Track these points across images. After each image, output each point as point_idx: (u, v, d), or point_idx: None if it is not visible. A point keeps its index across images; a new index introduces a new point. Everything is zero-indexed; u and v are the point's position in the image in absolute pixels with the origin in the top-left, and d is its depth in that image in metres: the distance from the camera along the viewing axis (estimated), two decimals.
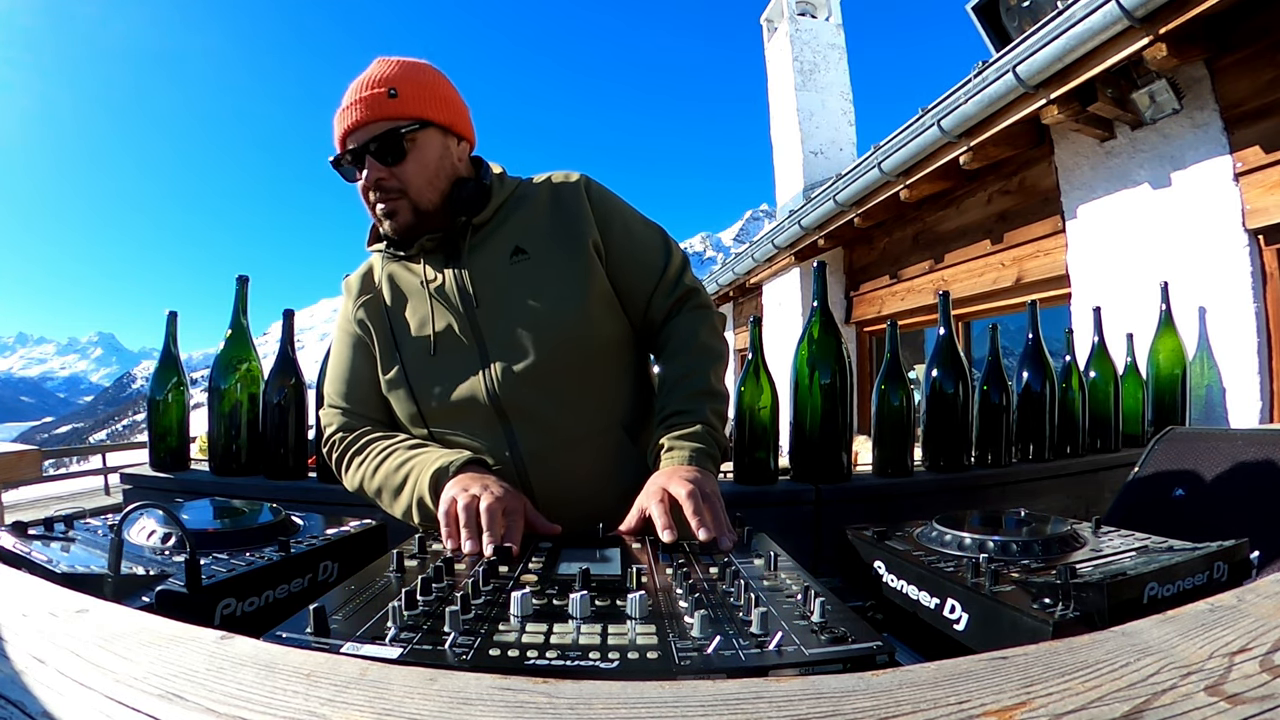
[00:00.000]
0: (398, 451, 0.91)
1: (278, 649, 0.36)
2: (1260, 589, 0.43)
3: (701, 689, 0.31)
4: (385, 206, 0.91)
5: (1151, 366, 2.01)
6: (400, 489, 0.88)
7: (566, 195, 0.97)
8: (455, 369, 0.92)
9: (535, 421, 0.90)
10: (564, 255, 0.93)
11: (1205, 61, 2.06)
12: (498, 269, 0.93)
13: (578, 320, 0.91)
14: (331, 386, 1.02)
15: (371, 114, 0.88)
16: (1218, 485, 0.97)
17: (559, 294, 0.91)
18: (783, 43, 5.75)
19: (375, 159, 0.89)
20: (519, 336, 0.90)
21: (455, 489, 0.77)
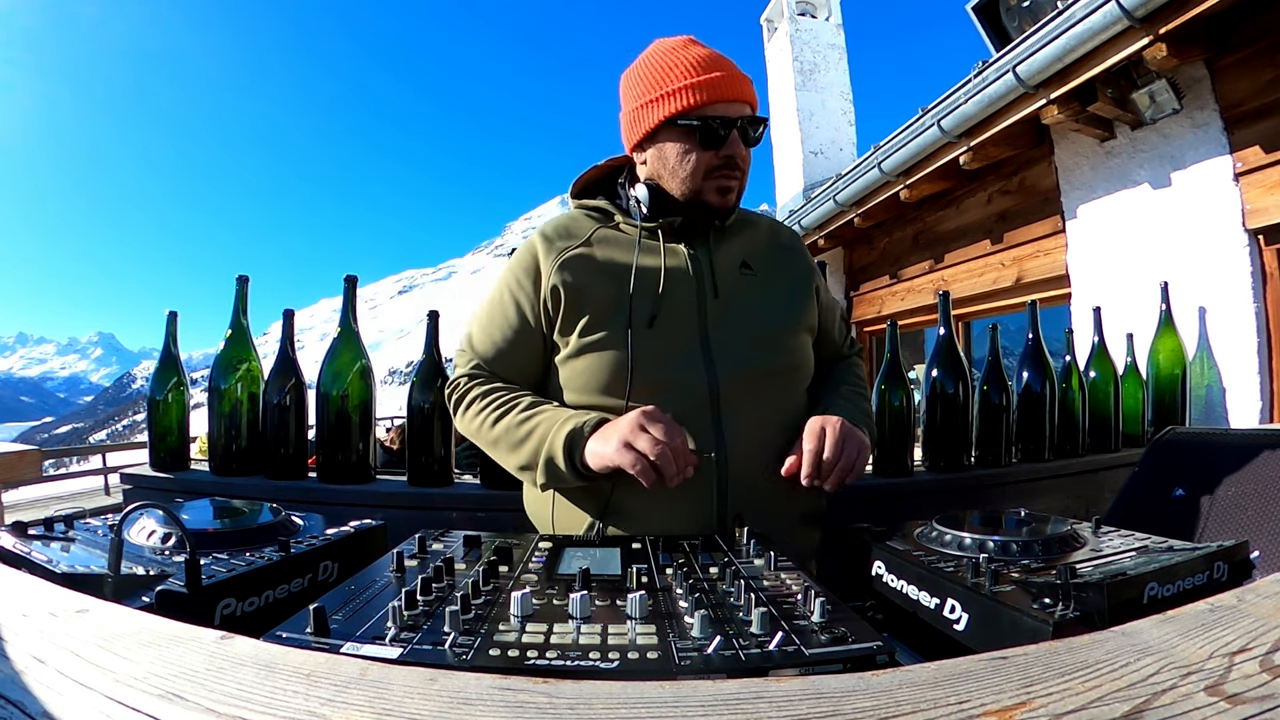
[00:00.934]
0: (522, 406, 0.92)
1: (278, 649, 0.36)
2: (1260, 589, 0.43)
3: (701, 689, 0.31)
4: (729, 182, 0.94)
5: (1151, 366, 2.01)
6: (522, 443, 0.89)
7: (786, 237, 1.10)
8: (675, 347, 0.93)
9: (743, 418, 0.93)
10: (784, 283, 1.02)
11: (1205, 61, 2.06)
12: (732, 271, 0.99)
13: (790, 339, 0.99)
14: (479, 335, 1.02)
15: (751, 96, 0.94)
16: (1218, 485, 0.97)
17: (781, 312, 0.99)
18: (783, 43, 5.75)
19: (743, 138, 0.93)
20: (743, 338, 0.95)
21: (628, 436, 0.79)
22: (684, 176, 0.94)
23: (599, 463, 0.82)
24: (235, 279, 1.44)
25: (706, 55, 0.92)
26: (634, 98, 0.97)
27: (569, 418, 0.87)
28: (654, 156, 0.96)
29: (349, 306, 1.41)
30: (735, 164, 0.93)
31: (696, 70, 0.91)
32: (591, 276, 0.94)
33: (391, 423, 10.02)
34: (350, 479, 1.33)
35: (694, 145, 0.92)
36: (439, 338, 1.43)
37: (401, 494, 1.30)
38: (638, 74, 0.97)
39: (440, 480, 1.32)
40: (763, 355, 0.95)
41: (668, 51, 0.95)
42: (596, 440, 0.83)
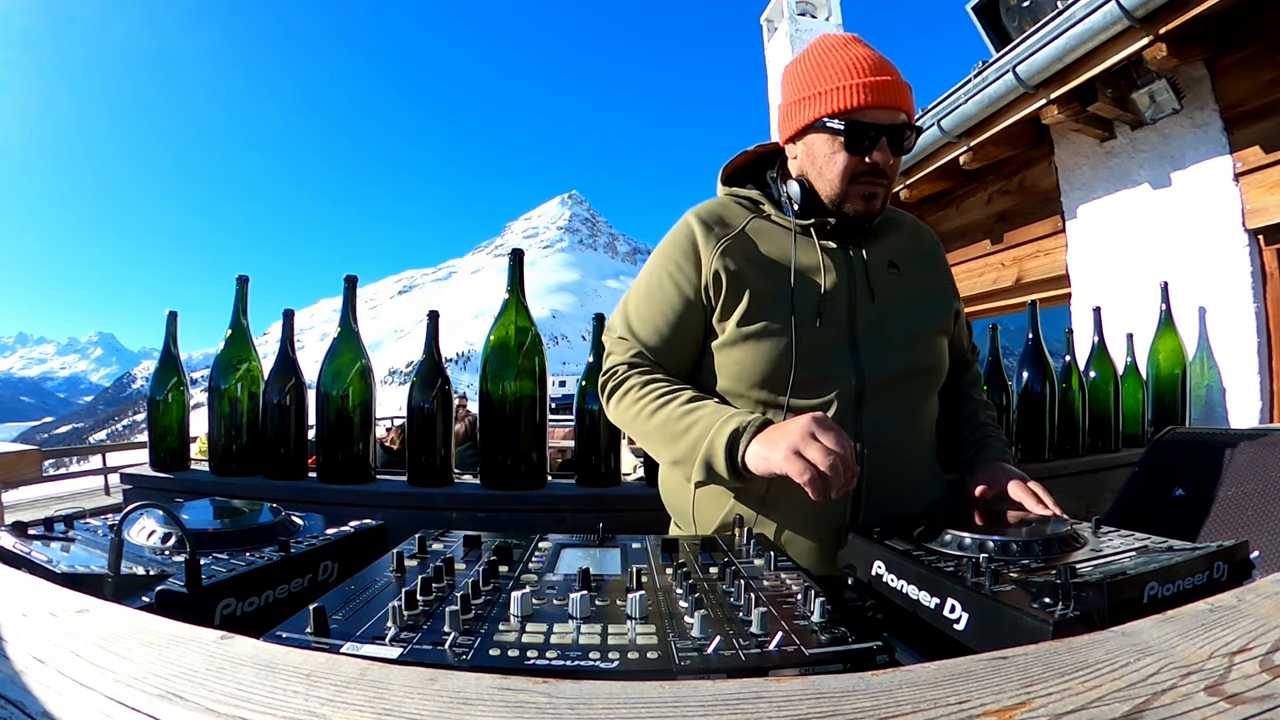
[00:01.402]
0: (684, 399, 0.90)
1: (278, 649, 0.36)
2: (1260, 589, 0.43)
3: (701, 689, 0.31)
4: (873, 189, 0.93)
5: (1151, 366, 2.01)
6: (681, 436, 0.87)
7: (927, 239, 1.09)
8: (829, 345, 0.93)
9: (884, 417, 0.93)
10: (929, 285, 1.03)
11: (1205, 61, 2.06)
12: (882, 273, 0.98)
13: (932, 341, 1.00)
14: (638, 319, 0.99)
15: (908, 104, 0.91)
16: (1218, 485, 0.97)
17: (927, 314, 1.00)
18: (783, 43, 5.75)
19: (892, 145, 0.90)
20: (890, 337, 0.95)
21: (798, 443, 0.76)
22: (830, 178, 0.93)
23: (763, 467, 0.79)
24: (235, 279, 1.44)
25: (866, 57, 0.90)
26: (791, 92, 0.96)
27: (731, 416, 0.84)
28: (804, 153, 0.96)
29: (349, 306, 1.42)
30: (881, 171, 0.91)
31: (854, 72, 0.89)
32: (751, 266, 0.93)
33: (391, 423, 10.02)
34: (350, 479, 1.33)
35: (841, 148, 0.91)
36: (439, 338, 1.43)
37: (401, 494, 1.30)
38: (798, 68, 0.96)
39: (440, 480, 1.32)
40: (907, 356, 0.96)
41: (829, 49, 0.93)
42: (761, 444, 0.80)
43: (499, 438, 1.28)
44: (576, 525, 1.23)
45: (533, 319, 1.34)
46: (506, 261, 1.40)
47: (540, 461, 1.31)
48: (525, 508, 1.26)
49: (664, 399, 0.91)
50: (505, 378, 1.28)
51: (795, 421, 0.79)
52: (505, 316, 1.31)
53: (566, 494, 1.28)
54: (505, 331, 1.30)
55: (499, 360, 1.29)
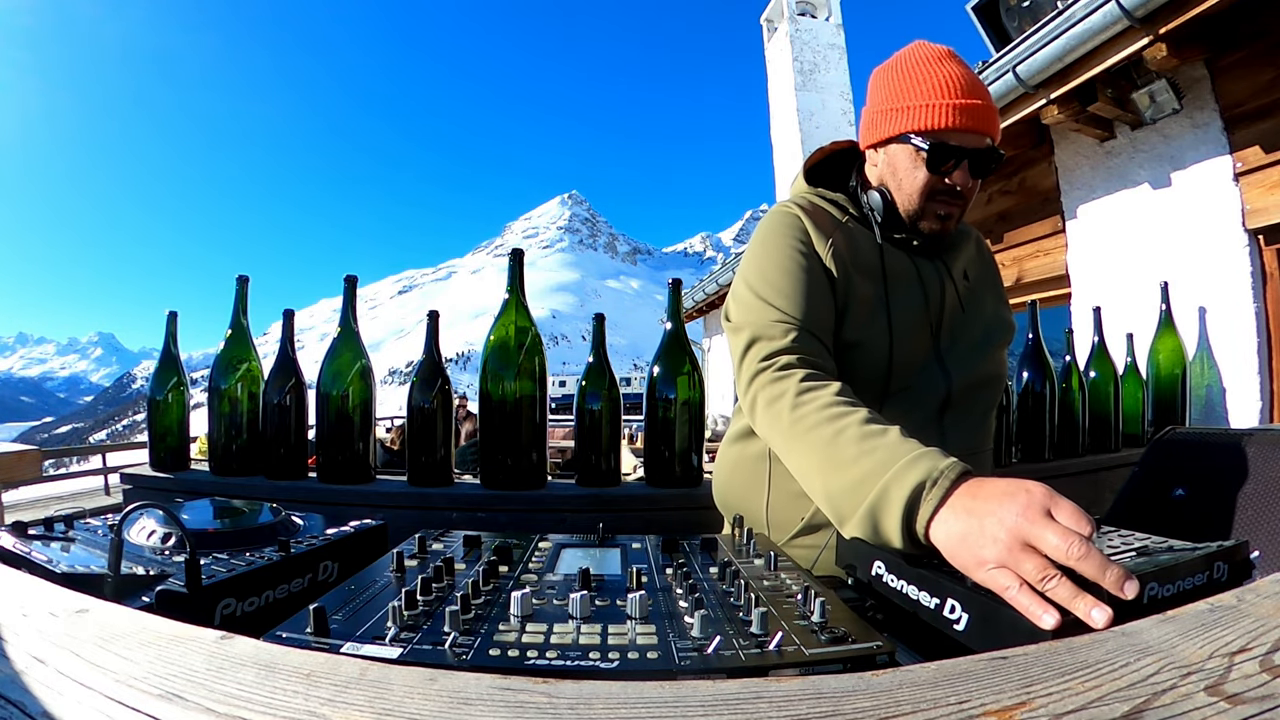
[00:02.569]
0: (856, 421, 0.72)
1: (278, 649, 0.36)
2: (1260, 589, 0.43)
3: (701, 689, 0.31)
4: (950, 211, 0.93)
5: (1151, 366, 2.01)
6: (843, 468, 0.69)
7: (987, 251, 1.12)
8: (919, 354, 0.94)
9: (965, 424, 0.95)
10: (992, 295, 1.06)
11: (1205, 61, 2.06)
12: (962, 282, 1.01)
13: (1000, 350, 1.02)
14: (778, 295, 0.87)
15: (994, 127, 0.90)
16: (1218, 485, 0.97)
17: (995, 323, 1.02)
18: (783, 43, 5.75)
19: (974, 169, 0.90)
20: (969, 345, 0.98)
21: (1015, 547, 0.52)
22: (909, 193, 0.92)
23: (952, 560, 0.57)
24: (235, 279, 1.44)
25: (961, 76, 0.89)
26: (880, 100, 0.94)
27: (920, 457, 0.64)
28: (885, 162, 0.95)
29: (349, 306, 1.41)
30: (959, 193, 0.91)
31: (946, 92, 0.88)
32: (854, 269, 0.93)
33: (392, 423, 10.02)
34: (350, 479, 1.33)
35: (923, 165, 0.90)
36: (439, 338, 1.43)
37: (401, 494, 1.30)
38: (889, 76, 0.94)
39: (440, 480, 1.32)
40: (983, 364, 0.98)
41: (923, 62, 0.91)
42: (956, 526, 0.57)
43: (499, 438, 1.28)
44: (576, 525, 1.23)
45: (533, 319, 1.34)
46: (506, 261, 1.40)
47: (540, 461, 1.31)
48: (525, 508, 1.26)
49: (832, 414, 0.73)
50: (505, 378, 1.28)
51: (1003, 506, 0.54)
52: (505, 316, 1.31)
53: (566, 494, 1.28)
54: (505, 331, 1.30)
55: (499, 360, 1.29)
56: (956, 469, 0.62)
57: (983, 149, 0.89)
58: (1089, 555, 0.49)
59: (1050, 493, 0.54)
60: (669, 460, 1.32)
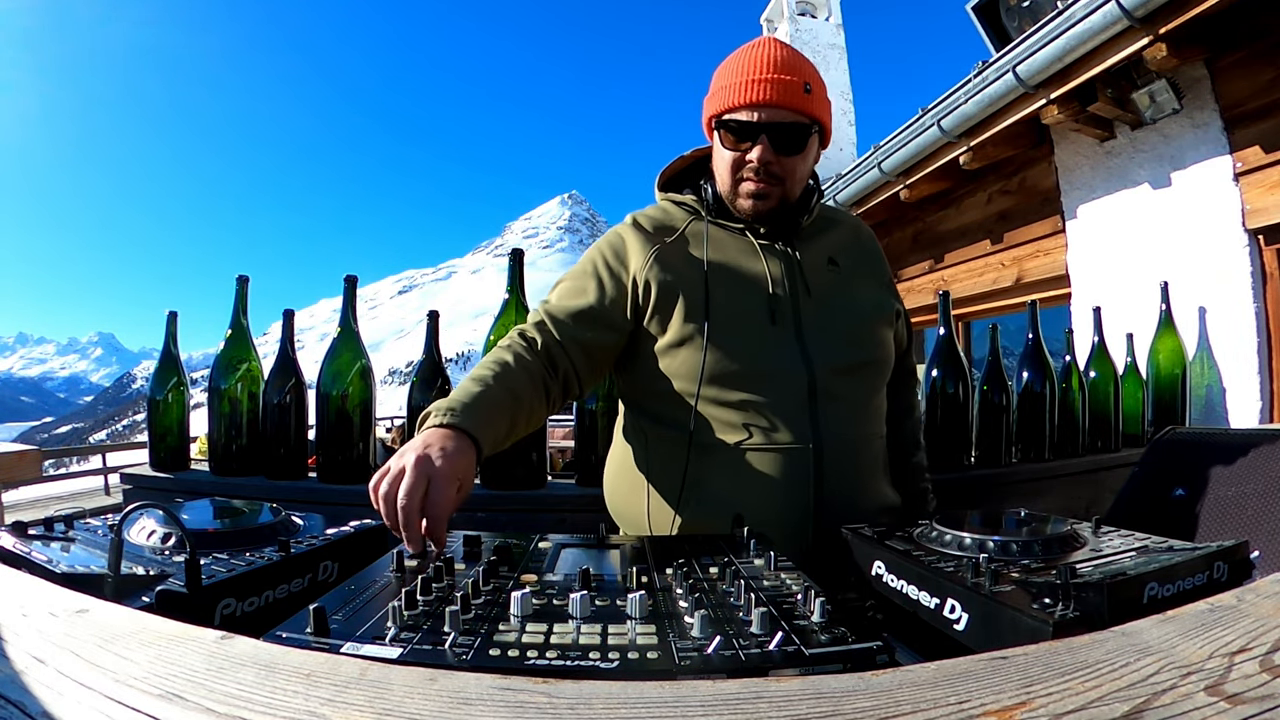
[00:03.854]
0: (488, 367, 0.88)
1: (278, 649, 0.36)
2: (1260, 589, 0.43)
3: (701, 689, 0.31)
4: (759, 188, 0.94)
5: (1151, 366, 2.01)
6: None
7: (867, 238, 1.11)
8: (776, 341, 0.94)
9: (838, 408, 0.94)
10: (870, 281, 1.05)
11: (1205, 61, 2.06)
12: (820, 268, 1.00)
13: (877, 334, 1.01)
14: (556, 298, 1.00)
15: (785, 100, 0.90)
16: (1218, 485, 0.97)
17: (868, 308, 1.02)
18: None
19: (772, 144, 0.91)
20: (834, 331, 0.97)
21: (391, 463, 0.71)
22: (721, 175, 0.96)
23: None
24: (235, 279, 1.44)
25: (765, 57, 0.91)
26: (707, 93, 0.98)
27: (448, 401, 0.80)
28: (713, 152, 0.98)
29: (349, 306, 1.41)
30: (766, 170, 0.92)
31: (746, 71, 0.91)
32: (689, 269, 0.94)
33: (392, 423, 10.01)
34: (350, 479, 1.33)
35: (725, 145, 0.93)
36: (439, 338, 1.43)
37: None
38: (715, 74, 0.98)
39: None
40: (854, 349, 0.98)
41: (739, 52, 0.95)
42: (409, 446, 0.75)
43: None
44: (576, 525, 1.23)
45: None
46: (506, 261, 1.40)
47: (540, 461, 1.31)
48: (525, 508, 1.26)
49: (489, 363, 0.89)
50: None
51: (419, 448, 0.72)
52: (505, 316, 1.31)
53: (566, 494, 1.28)
54: (505, 331, 1.30)
55: None
56: (442, 416, 0.78)
57: (784, 123, 0.90)
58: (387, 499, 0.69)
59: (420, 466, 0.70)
60: None
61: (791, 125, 0.91)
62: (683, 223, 1.00)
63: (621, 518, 1.04)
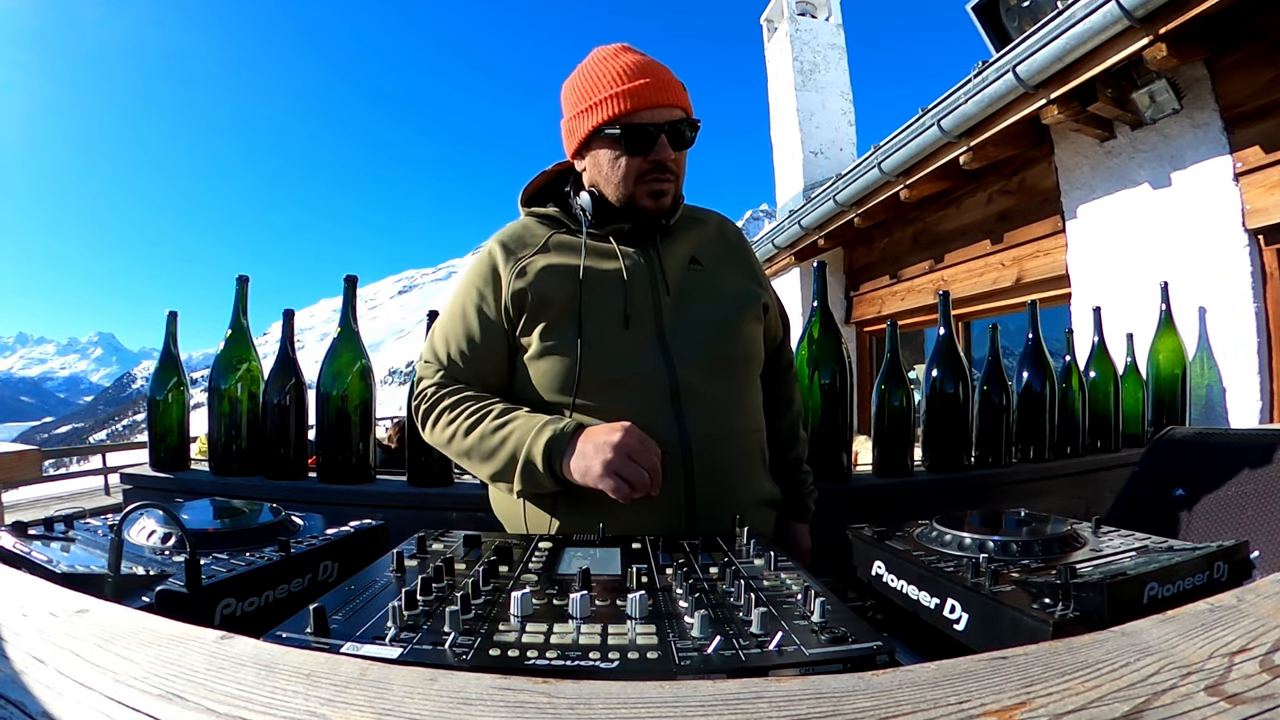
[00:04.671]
0: (495, 414, 0.93)
1: (278, 649, 0.36)
2: (1260, 589, 0.43)
3: (701, 689, 0.31)
4: (662, 186, 0.97)
5: (1151, 366, 2.01)
6: (496, 451, 0.90)
7: (731, 233, 1.13)
8: (636, 345, 0.95)
9: (704, 406, 0.95)
10: (734, 278, 1.06)
11: (1205, 61, 2.06)
12: (681, 268, 1.02)
13: (742, 330, 1.02)
14: (442, 341, 1.02)
15: (681, 100, 0.95)
16: (1218, 485, 0.97)
17: (732, 305, 1.02)
18: (783, 43, 5.75)
19: (672, 141, 0.94)
20: (697, 330, 0.98)
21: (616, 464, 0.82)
22: (617, 182, 0.96)
23: (581, 479, 0.84)
24: (235, 279, 1.44)
25: (633, 63, 0.94)
26: (569, 107, 0.99)
27: (546, 424, 0.88)
28: (591, 164, 0.99)
29: (349, 306, 1.41)
30: (665, 167, 0.95)
31: (622, 79, 0.93)
32: (550, 281, 0.96)
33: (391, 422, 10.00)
34: (350, 479, 1.33)
35: (623, 152, 0.94)
36: None
37: (401, 494, 1.30)
38: (573, 84, 0.99)
39: (440, 480, 1.32)
40: (716, 346, 0.98)
41: (599, 61, 0.97)
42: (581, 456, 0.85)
43: None
44: None
45: None
46: None
47: None
48: None
49: (476, 416, 0.93)
50: None
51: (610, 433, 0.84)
52: None
53: None
54: None
55: None
56: (573, 425, 0.88)
57: (674, 121, 0.94)
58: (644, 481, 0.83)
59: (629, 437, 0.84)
60: None
61: (688, 122, 0.96)
62: (543, 235, 1.02)
63: (505, 520, 1.04)
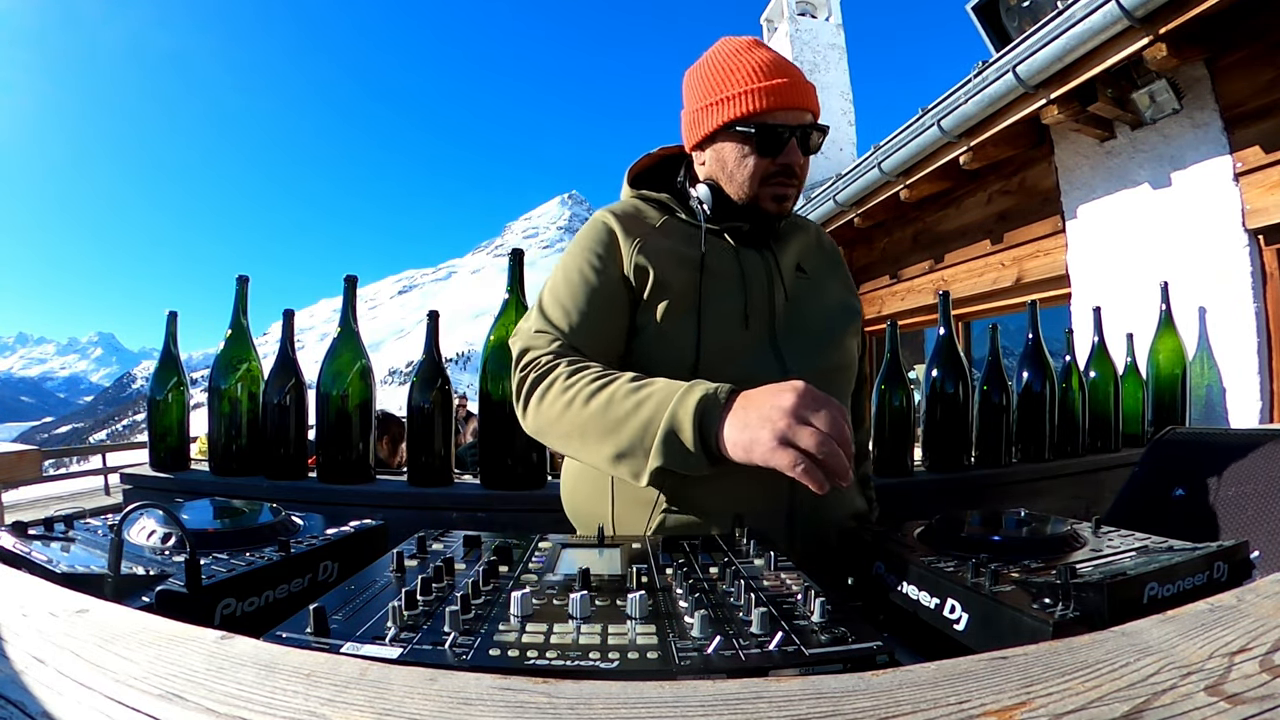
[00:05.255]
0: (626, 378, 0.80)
1: (278, 649, 0.36)
2: (1260, 589, 0.43)
3: (701, 689, 0.31)
4: (787, 190, 0.94)
5: (1151, 366, 2.01)
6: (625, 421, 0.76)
7: (829, 245, 1.12)
8: (752, 345, 0.93)
9: None
10: (835, 288, 1.05)
11: (1205, 61, 2.06)
12: (792, 274, 1.00)
13: (846, 342, 1.01)
14: (558, 308, 0.92)
15: (814, 104, 0.92)
16: (1218, 485, 0.97)
17: (837, 315, 1.01)
18: (783, 43, 5.75)
19: (802, 146, 0.91)
20: (807, 337, 0.97)
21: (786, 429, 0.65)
22: (741, 181, 0.93)
23: (743, 455, 0.68)
24: (235, 279, 1.44)
25: (770, 60, 0.91)
26: (696, 98, 0.95)
27: (694, 384, 0.74)
28: (712, 158, 0.95)
29: (349, 306, 1.42)
30: (792, 171, 0.92)
31: (759, 75, 0.89)
32: (669, 265, 0.92)
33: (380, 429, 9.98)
34: (350, 479, 1.33)
35: (752, 151, 0.90)
36: (439, 338, 1.44)
37: (401, 494, 1.30)
38: (701, 74, 0.95)
39: (440, 480, 1.32)
40: (826, 354, 0.97)
41: (732, 53, 0.93)
42: (736, 426, 0.69)
43: (499, 438, 1.28)
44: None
45: None
46: (506, 261, 1.40)
47: (540, 461, 1.31)
48: (525, 508, 1.26)
49: (603, 381, 0.80)
50: (505, 378, 1.28)
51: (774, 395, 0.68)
52: (505, 316, 1.31)
53: None
54: (505, 331, 1.30)
55: (499, 360, 1.29)
56: (727, 387, 0.73)
57: (806, 125, 0.91)
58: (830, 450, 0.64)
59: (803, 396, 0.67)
60: None
61: (813, 127, 0.92)
62: (657, 218, 0.98)
63: (583, 523, 0.99)
